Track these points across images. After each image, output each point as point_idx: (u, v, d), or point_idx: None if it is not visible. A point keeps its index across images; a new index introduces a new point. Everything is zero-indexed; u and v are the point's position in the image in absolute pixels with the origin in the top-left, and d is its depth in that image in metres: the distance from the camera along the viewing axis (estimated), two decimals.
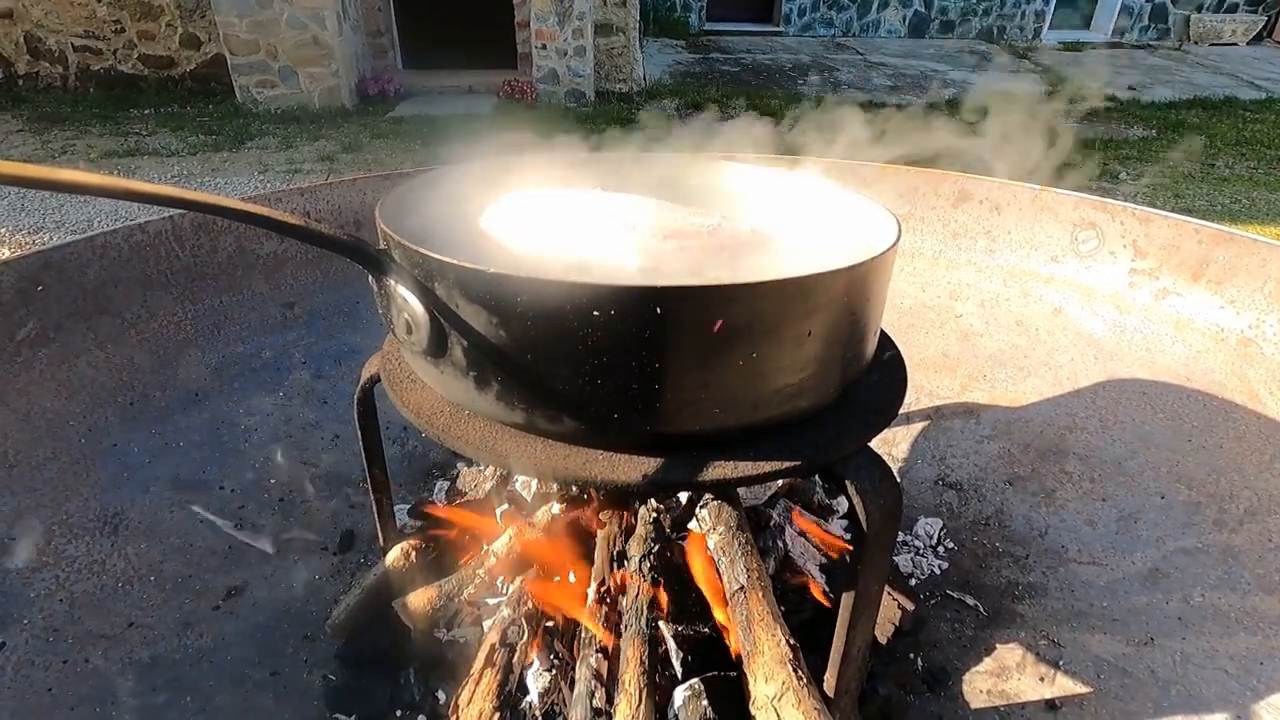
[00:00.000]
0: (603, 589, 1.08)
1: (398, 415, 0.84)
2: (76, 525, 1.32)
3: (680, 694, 1.00)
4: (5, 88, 6.55)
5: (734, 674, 1.01)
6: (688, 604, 1.11)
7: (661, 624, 1.06)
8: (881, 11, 10.44)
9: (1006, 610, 1.35)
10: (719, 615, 1.07)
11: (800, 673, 0.92)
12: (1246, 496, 1.40)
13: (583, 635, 1.07)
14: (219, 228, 1.66)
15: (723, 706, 0.99)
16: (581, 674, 1.00)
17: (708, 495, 1.19)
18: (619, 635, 1.02)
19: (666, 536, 1.14)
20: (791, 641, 0.96)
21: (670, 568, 1.11)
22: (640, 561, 1.08)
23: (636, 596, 1.04)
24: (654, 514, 1.15)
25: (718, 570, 1.10)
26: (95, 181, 0.55)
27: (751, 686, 0.94)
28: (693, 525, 1.19)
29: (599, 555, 1.15)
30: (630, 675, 0.94)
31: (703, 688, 0.99)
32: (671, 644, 1.05)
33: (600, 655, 1.02)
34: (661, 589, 1.06)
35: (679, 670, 1.03)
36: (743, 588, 1.03)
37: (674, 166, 1.15)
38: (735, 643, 1.00)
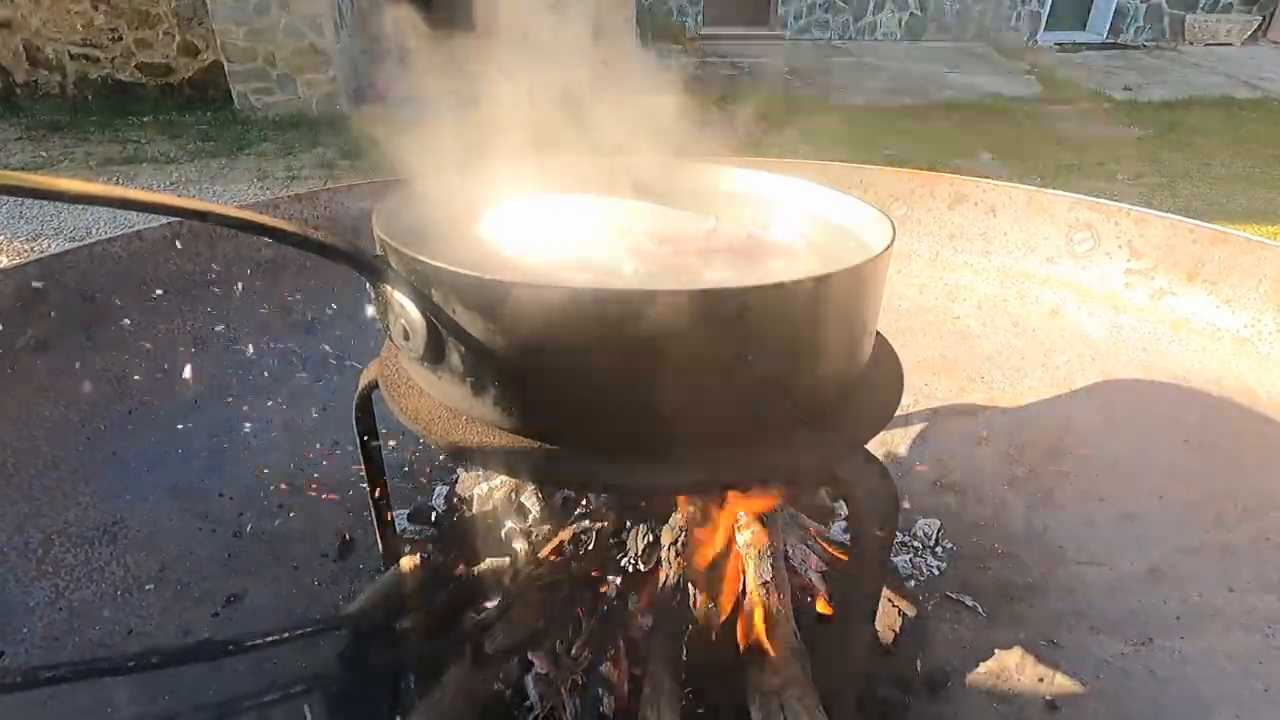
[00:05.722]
0: (613, 591, 1.09)
1: (397, 421, 0.84)
2: (75, 534, 1.32)
3: None
4: (4, 96, 6.56)
5: (735, 670, 1.02)
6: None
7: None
8: (877, 15, 10.46)
9: (1005, 611, 1.35)
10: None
11: (806, 670, 0.93)
12: (1244, 495, 1.40)
13: (593, 641, 1.07)
14: (217, 235, 1.67)
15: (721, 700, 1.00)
16: (591, 680, 1.01)
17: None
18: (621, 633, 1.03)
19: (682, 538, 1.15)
20: (800, 642, 0.98)
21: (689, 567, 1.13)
22: (668, 557, 1.10)
23: (662, 587, 1.06)
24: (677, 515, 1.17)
25: (741, 567, 1.12)
26: (94, 190, 0.55)
27: (758, 677, 0.95)
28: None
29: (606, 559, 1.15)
30: (661, 671, 0.96)
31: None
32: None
33: (610, 663, 1.02)
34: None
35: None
36: (765, 584, 1.05)
37: (669, 170, 1.15)
38: (744, 636, 1.02)
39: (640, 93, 1.05)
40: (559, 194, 0.98)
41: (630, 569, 1.15)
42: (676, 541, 1.14)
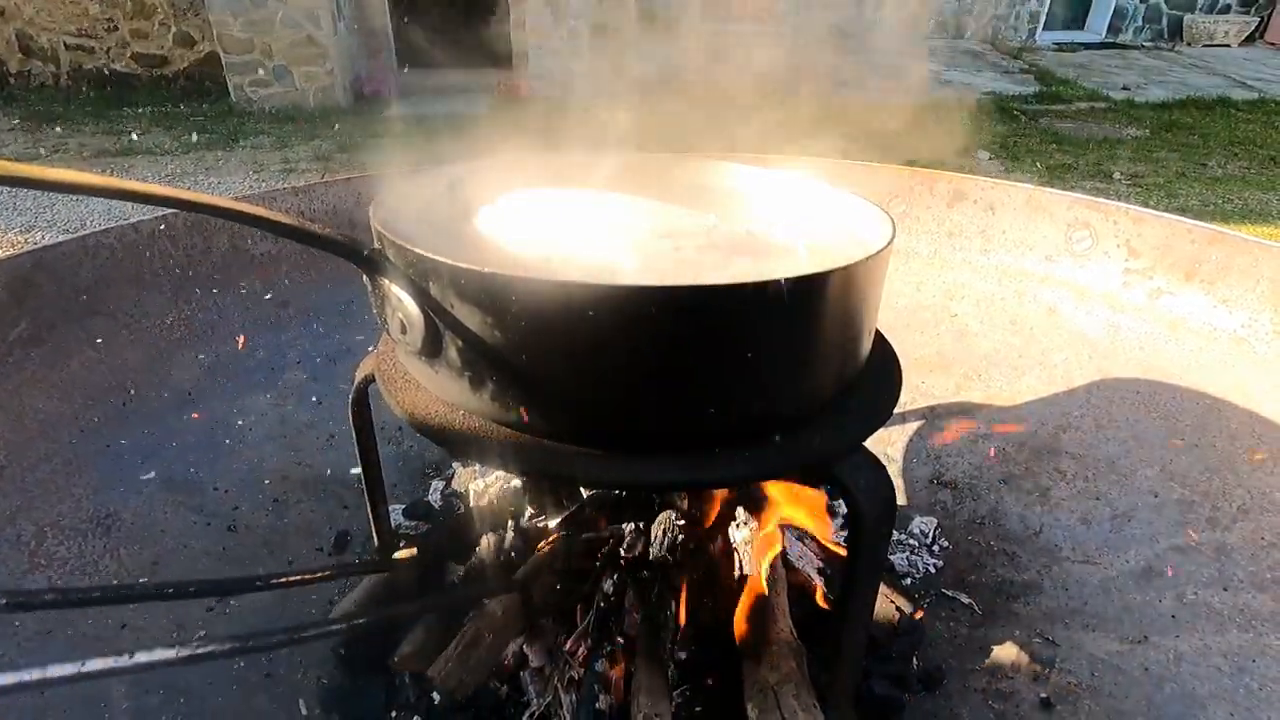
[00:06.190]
0: (609, 586, 1.09)
1: (393, 415, 0.84)
2: (69, 527, 1.31)
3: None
4: None
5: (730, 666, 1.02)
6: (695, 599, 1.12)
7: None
8: (877, 13, 10.45)
9: (1001, 609, 1.35)
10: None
11: (803, 665, 0.93)
12: (1239, 495, 1.41)
13: (589, 636, 1.07)
14: (212, 227, 1.66)
15: (717, 698, 1.00)
16: (587, 676, 1.01)
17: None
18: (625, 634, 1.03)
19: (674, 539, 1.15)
20: (797, 638, 0.98)
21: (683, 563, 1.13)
22: (664, 552, 1.10)
23: (656, 583, 1.06)
24: (670, 512, 1.16)
25: (739, 564, 1.12)
26: (88, 181, 0.55)
27: (755, 672, 0.95)
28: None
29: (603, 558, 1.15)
30: (647, 667, 0.96)
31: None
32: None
33: (607, 661, 1.02)
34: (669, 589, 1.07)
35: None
36: (762, 580, 1.05)
37: (670, 166, 1.14)
38: (740, 632, 1.02)
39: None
40: (559, 189, 0.98)
41: (625, 564, 1.15)
42: (670, 535, 1.14)
